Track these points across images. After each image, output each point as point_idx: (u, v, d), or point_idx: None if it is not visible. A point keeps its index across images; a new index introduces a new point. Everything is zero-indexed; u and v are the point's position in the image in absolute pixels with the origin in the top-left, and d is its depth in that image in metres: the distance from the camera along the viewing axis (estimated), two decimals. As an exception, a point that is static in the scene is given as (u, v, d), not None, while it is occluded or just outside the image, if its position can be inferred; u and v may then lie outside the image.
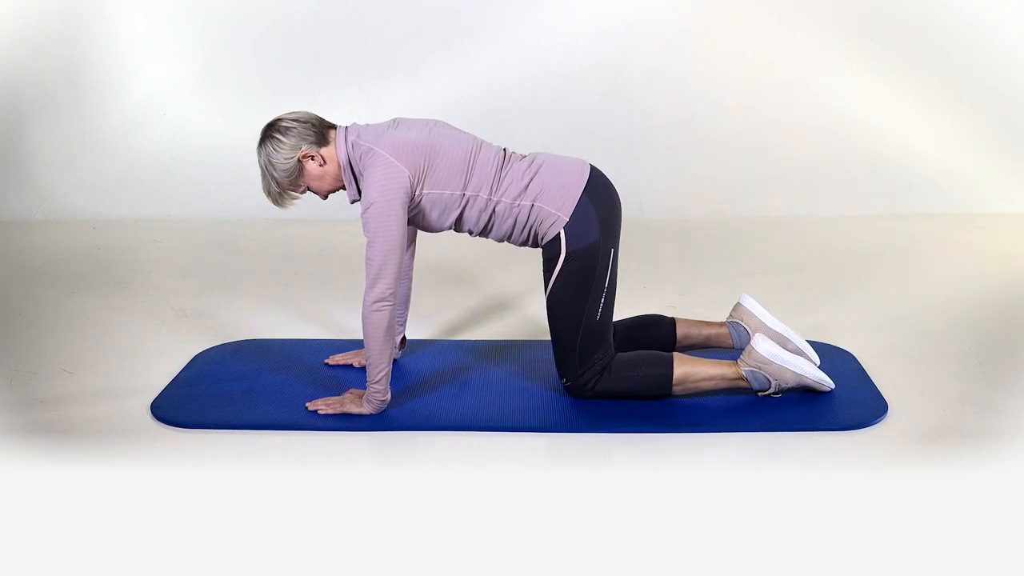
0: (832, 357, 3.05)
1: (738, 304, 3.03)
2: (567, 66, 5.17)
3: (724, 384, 2.77)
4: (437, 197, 2.70)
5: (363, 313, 2.65)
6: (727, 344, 3.04)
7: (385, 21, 5.23)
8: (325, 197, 2.83)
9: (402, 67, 5.20)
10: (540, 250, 2.79)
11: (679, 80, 5.17)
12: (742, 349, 2.99)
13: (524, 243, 2.81)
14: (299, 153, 2.69)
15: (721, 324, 3.04)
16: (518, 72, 5.19)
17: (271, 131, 2.72)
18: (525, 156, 2.80)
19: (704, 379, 2.76)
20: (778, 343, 2.90)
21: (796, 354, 2.86)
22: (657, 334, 3.01)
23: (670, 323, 3.03)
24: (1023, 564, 2.09)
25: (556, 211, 2.70)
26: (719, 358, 2.92)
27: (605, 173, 2.83)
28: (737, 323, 3.01)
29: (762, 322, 2.96)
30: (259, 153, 2.73)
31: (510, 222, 2.74)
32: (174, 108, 5.21)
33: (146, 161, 5.06)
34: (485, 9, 5.23)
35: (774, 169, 4.98)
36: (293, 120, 2.72)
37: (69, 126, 5.09)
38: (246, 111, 5.07)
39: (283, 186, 2.75)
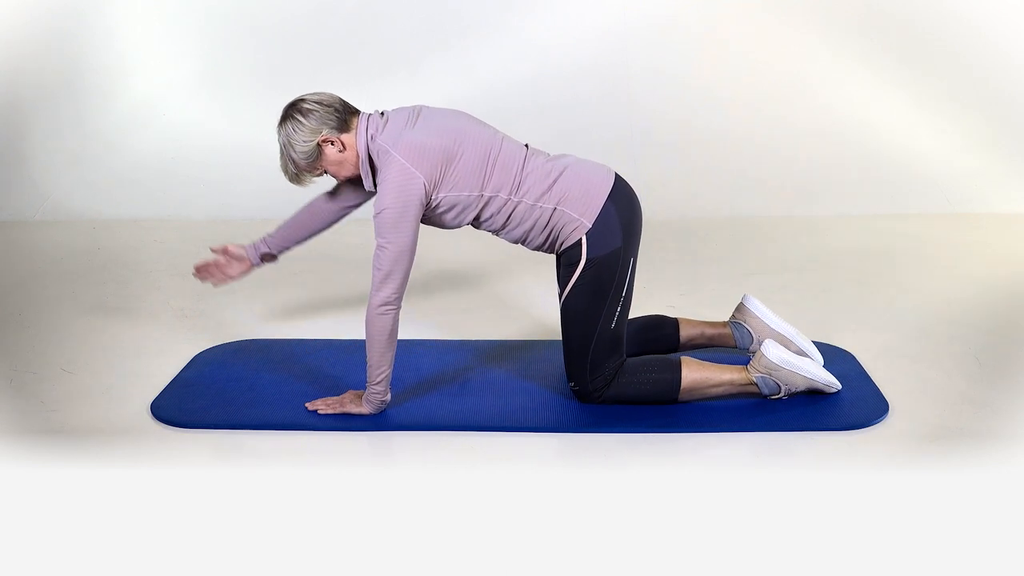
0: (832, 357, 3.05)
1: (741, 304, 3.03)
2: (567, 66, 5.17)
3: (733, 390, 2.76)
4: (455, 199, 2.66)
5: (367, 315, 2.64)
6: (730, 344, 3.04)
7: (385, 21, 5.23)
8: (342, 181, 2.80)
9: (402, 67, 5.20)
10: (555, 256, 2.77)
11: (679, 80, 5.17)
12: (746, 349, 3.00)
13: (540, 247, 2.76)
14: (319, 137, 2.64)
15: (724, 324, 3.04)
16: (518, 72, 5.19)
17: (292, 111, 2.66)
18: (549, 156, 2.75)
19: (713, 386, 2.74)
20: (781, 344, 2.90)
21: (800, 355, 2.86)
22: (660, 335, 3.01)
23: (673, 324, 3.03)
24: (1023, 564, 2.09)
25: (579, 216, 2.65)
26: (726, 359, 2.93)
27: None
28: (740, 324, 3.00)
29: (765, 323, 2.96)
30: (279, 132, 2.68)
31: (529, 223, 2.69)
32: (174, 108, 5.21)
33: (146, 161, 5.06)
34: (485, 9, 5.23)
35: (774, 169, 4.98)
36: (315, 102, 2.66)
37: (69, 126, 5.09)
38: (246, 111, 5.08)
39: (301, 168, 2.71)
